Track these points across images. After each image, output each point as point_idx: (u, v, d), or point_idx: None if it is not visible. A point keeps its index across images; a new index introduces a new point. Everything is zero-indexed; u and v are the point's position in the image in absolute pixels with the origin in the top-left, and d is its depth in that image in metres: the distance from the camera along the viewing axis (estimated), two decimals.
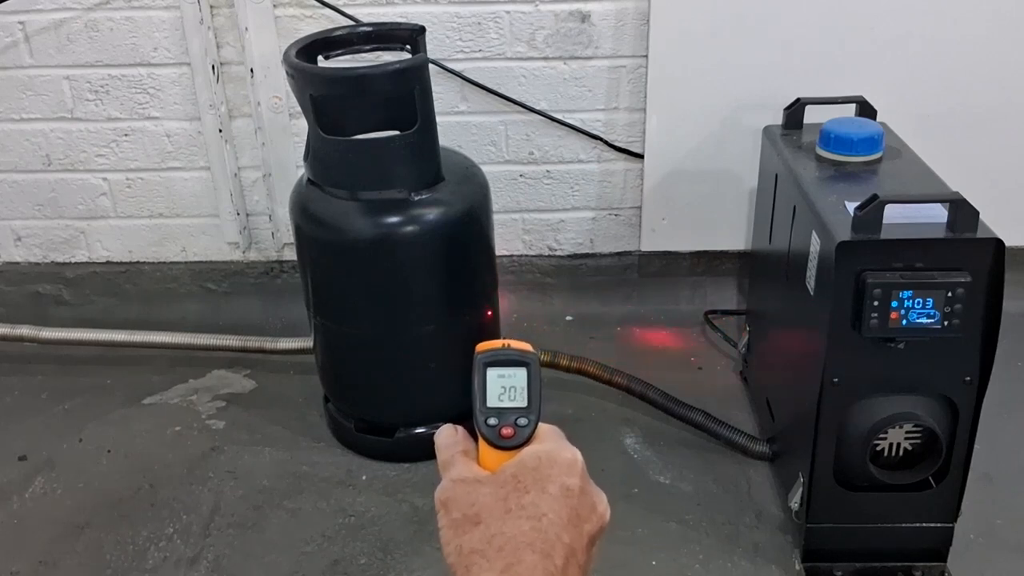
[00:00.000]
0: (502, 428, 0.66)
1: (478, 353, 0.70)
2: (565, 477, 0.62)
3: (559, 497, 0.61)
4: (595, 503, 0.64)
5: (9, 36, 1.88)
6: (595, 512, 0.63)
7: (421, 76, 1.44)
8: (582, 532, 0.61)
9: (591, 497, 0.64)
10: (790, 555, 1.42)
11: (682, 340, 1.98)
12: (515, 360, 0.69)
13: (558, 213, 2.03)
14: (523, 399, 0.68)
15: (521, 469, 0.63)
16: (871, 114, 1.53)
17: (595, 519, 0.63)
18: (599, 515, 0.64)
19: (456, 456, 0.66)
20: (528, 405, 0.68)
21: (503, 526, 0.59)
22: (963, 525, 1.35)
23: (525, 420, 0.67)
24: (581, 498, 0.62)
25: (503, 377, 0.69)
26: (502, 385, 0.69)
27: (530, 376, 0.68)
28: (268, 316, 2.08)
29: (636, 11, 1.81)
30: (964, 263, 1.17)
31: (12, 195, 2.05)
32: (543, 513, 0.60)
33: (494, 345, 0.70)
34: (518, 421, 0.67)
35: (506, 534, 0.59)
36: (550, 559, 0.58)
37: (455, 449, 0.67)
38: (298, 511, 1.55)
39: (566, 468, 0.63)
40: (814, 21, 1.76)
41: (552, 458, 0.64)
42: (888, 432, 1.28)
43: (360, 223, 1.47)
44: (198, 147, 1.97)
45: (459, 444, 0.68)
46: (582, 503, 0.62)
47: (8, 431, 1.77)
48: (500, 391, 0.69)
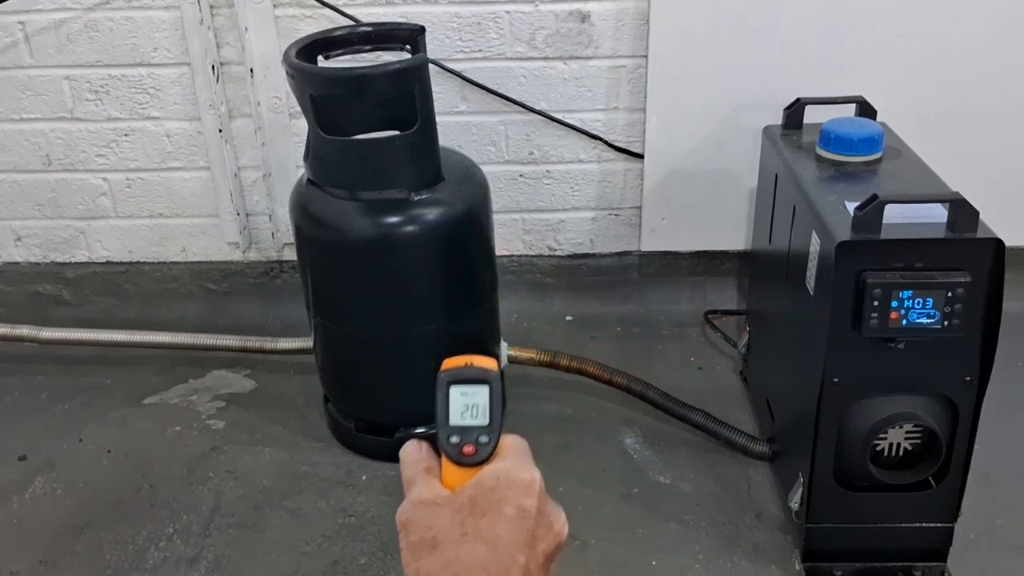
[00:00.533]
0: (464, 446, 0.68)
1: (441, 371, 0.70)
2: (522, 498, 0.64)
3: (515, 519, 0.63)
4: (551, 522, 0.65)
5: (9, 36, 1.88)
6: (551, 531, 0.65)
7: (421, 76, 1.44)
8: (537, 552, 0.63)
9: (548, 517, 0.65)
10: (790, 555, 1.42)
11: (682, 340, 1.98)
12: (477, 378, 0.70)
13: (558, 213, 2.03)
14: (485, 417, 0.69)
15: (479, 491, 0.64)
16: (871, 114, 1.53)
17: (551, 538, 0.65)
18: (555, 534, 0.65)
19: (419, 474, 0.67)
20: (490, 423, 0.69)
21: (459, 551, 0.61)
22: (963, 525, 1.35)
23: (486, 438, 0.68)
24: (538, 519, 0.64)
25: (465, 395, 0.70)
26: (464, 403, 0.70)
27: (491, 394, 0.70)
28: (268, 316, 2.08)
29: (636, 11, 1.81)
30: (964, 263, 1.17)
31: (12, 195, 2.05)
32: (499, 537, 0.62)
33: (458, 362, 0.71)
34: (479, 439, 0.68)
35: (462, 560, 0.61)
36: None
37: (418, 467, 0.68)
38: (298, 511, 1.55)
39: (523, 490, 0.65)
40: (814, 21, 1.76)
41: (510, 479, 0.65)
42: (888, 432, 1.28)
43: (360, 223, 1.47)
44: (198, 147, 1.97)
45: (423, 461, 0.68)
46: (539, 524, 0.64)
47: (8, 431, 1.77)
48: (463, 409, 0.70)
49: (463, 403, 0.70)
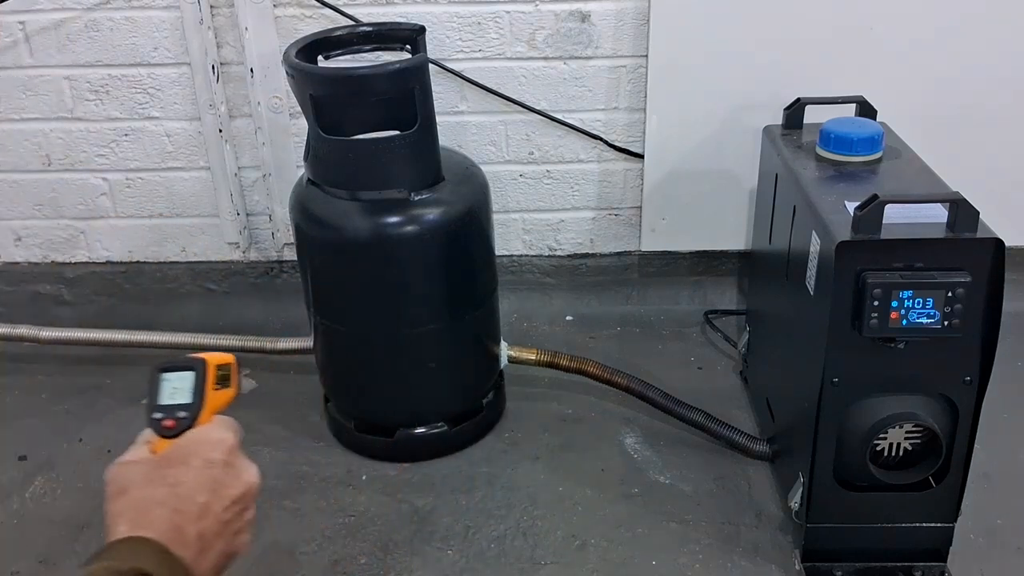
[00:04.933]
0: (165, 421, 0.80)
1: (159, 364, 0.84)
2: (210, 452, 0.78)
3: (199, 468, 0.76)
4: (240, 473, 0.79)
5: (9, 36, 1.88)
6: (239, 479, 0.78)
7: (421, 76, 1.44)
8: (221, 495, 0.76)
9: (236, 468, 0.79)
10: (790, 555, 1.42)
11: (682, 340, 1.98)
12: (184, 366, 0.83)
13: (558, 213, 2.03)
14: (187, 397, 0.82)
15: (173, 449, 0.78)
16: (871, 114, 1.53)
17: (239, 485, 0.78)
18: (244, 482, 0.79)
19: (135, 445, 0.80)
20: (190, 401, 0.82)
21: (142, 493, 0.74)
22: (963, 525, 1.35)
23: (185, 413, 0.81)
24: (225, 468, 0.77)
25: (173, 380, 0.83)
26: (173, 387, 0.82)
27: (196, 378, 0.83)
28: (268, 316, 2.08)
29: (636, 11, 1.81)
30: (964, 263, 1.17)
31: (12, 195, 2.05)
32: (180, 481, 0.75)
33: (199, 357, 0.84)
34: (179, 414, 0.81)
35: (142, 498, 0.73)
36: (180, 513, 0.73)
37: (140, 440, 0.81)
38: (298, 511, 1.55)
39: (212, 446, 0.78)
40: (814, 21, 1.76)
41: (201, 438, 0.79)
42: (888, 432, 1.28)
43: (360, 223, 1.47)
44: (198, 147, 1.97)
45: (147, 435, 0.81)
46: (226, 472, 0.77)
47: (8, 431, 1.77)
48: (172, 391, 0.82)
49: (171, 386, 0.82)
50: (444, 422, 1.66)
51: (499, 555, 1.44)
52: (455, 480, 1.60)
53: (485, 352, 1.68)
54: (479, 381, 1.69)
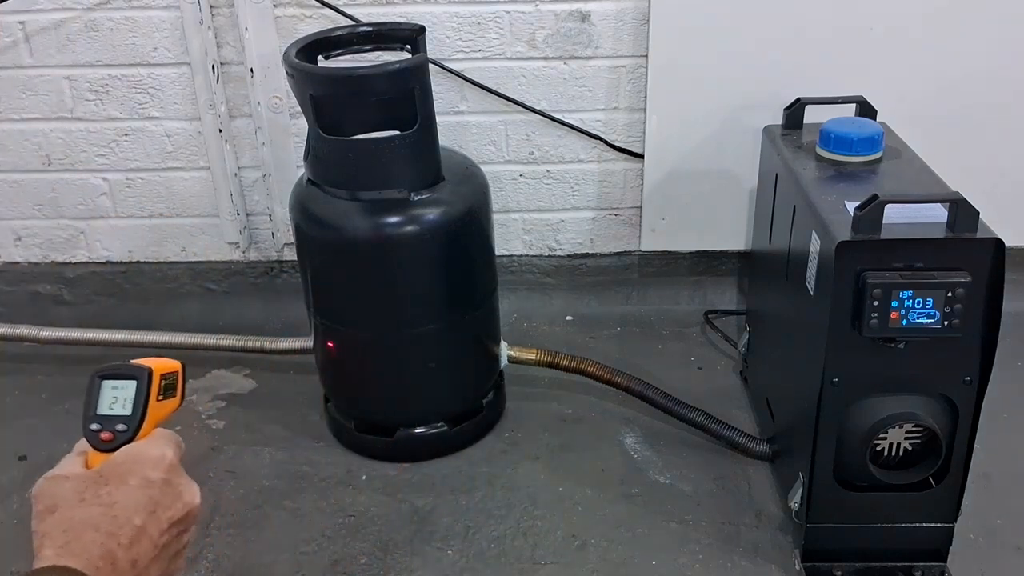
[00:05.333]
0: (102, 433, 0.75)
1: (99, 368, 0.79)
2: (148, 471, 0.73)
3: (137, 488, 0.71)
4: (181, 493, 0.75)
5: (9, 36, 1.88)
6: (180, 500, 0.74)
7: (421, 76, 1.44)
8: (160, 517, 0.71)
9: (177, 488, 0.74)
10: (790, 555, 1.42)
11: (682, 340, 1.98)
12: (127, 374, 0.78)
13: (558, 213, 2.03)
14: (128, 409, 0.77)
15: (108, 466, 0.73)
16: (871, 114, 1.53)
17: (180, 506, 0.74)
18: (184, 503, 0.74)
19: (68, 457, 0.76)
20: (131, 414, 0.77)
21: (73, 512, 0.69)
22: (963, 525, 1.35)
23: (124, 427, 0.76)
24: (163, 488, 0.73)
25: (115, 388, 0.78)
26: (114, 395, 0.77)
27: (138, 388, 0.77)
28: (268, 316, 2.08)
29: (636, 11, 1.81)
30: (964, 263, 1.17)
31: (12, 195, 2.05)
32: (115, 501, 0.70)
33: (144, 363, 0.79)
34: (117, 427, 0.76)
35: (74, 519, 0.69)
36: (114, 537, 0.68)
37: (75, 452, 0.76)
38: (298, 511, 1.55)
39: (151, 464, 0.74)
40: (814, 21, 1.76)
41: (139, 455, 0.74)
42: (888, 432, 1.28)
43: (360, 223, 1.47)
44: (198, 147, 1.97)
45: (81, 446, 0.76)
46: (164, 493, 0.73)
47: (8, 431, 1.77)
48: (112, 400, 0.77)
49: (112, 395, 0.77)
50: (444, 422, 1.66)
51: (499, 555, 1.44)
52: (455, 480, 1.60)
53: (485, 352, 1.68)
54: (479, 381, 1.69)
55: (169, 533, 0.72)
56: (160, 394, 0.79)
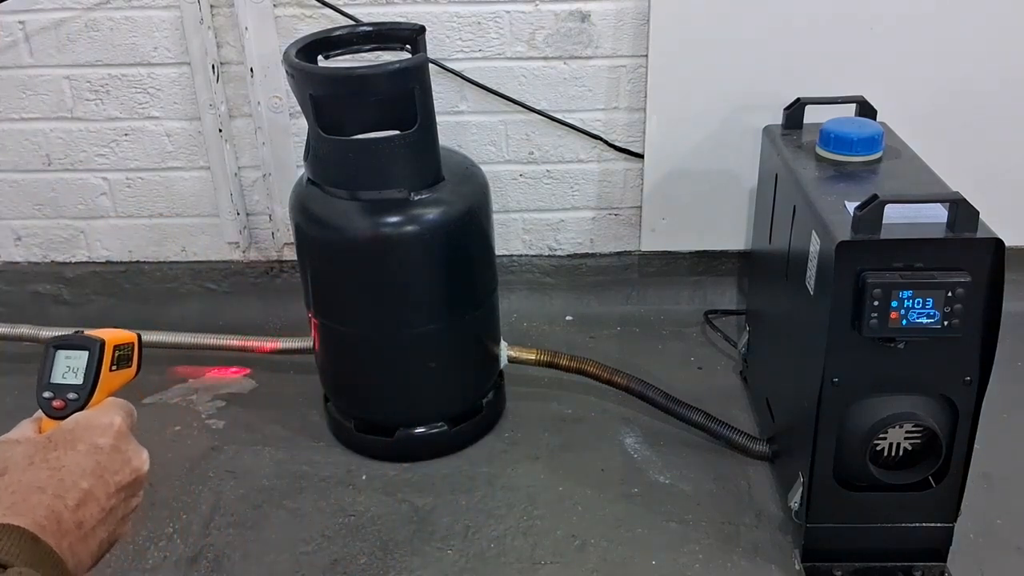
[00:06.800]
0: (55, 401, 0.79)
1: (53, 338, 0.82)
2: (97, 437, 0.76)
3: (85, 453, 0.74)
4: (129, 458, 0.77)
5: (9, 36, 1.88)
6: (128, 465, 0.77)
7: (421, 76, 1.44)
8: (108, 481, 0.74)
9: (125, 454, 0.77)
10: (790, 555, 1.42)
11: (682, 340, 1.98)
12: (80, 345, 0.81)
13: (558, 213, 2.03)
14: (80, 378, 0.80)
15: (57, 431, 0.76)
16: (871, 114, 1.53)
17: (128, 471, 0.76)
18: (133, 468, 0.77)
19: (23, 423, 0.80)
20: (82, 383, 0.80)
21: (22, 475, 0.71)
22: (963, 525, 1.35)
23: (75, 395, 0.79)
24: (112, 454, 0.75)
25: (69, 359, 0.80)
26: (67, 365, 0.80)
27: (90, 359, 0.80)
28: (268, 316, 2.08)
29: (636, 11, 1.81)
30: (964, 263, 1.17)
31: (12, 195, 2.05)
32: (63, 465, 0.72)
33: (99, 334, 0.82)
34: (69, 396, 0.79)
35: (22, 481, 0.70)
36: (60, 499, 0.70)
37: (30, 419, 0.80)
38: (298, 511, 1.55)
39: (99, 430, 0.76)
40: (814, 21, 1.76)
41: (88, 422, 0.77)
42: (888, 432, 1.28)
43: (360, 223, 1.47)
44: (198, 147, 1.97)
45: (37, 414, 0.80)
46: (112, 458, 0.75)
47: (8, 431, 1.76)
48: (65, 370, 0.80)
49: (65, 365, 0.80)
50: (444, 422, 1.66)
51: (499, 555, 1.44)
52: (455, 480, 1.60)
53: (485, 352, 1.68)
54: (479, 381, 1.69)
55: (116, 497, 0.75)
56: (113, 364, 0.82)
